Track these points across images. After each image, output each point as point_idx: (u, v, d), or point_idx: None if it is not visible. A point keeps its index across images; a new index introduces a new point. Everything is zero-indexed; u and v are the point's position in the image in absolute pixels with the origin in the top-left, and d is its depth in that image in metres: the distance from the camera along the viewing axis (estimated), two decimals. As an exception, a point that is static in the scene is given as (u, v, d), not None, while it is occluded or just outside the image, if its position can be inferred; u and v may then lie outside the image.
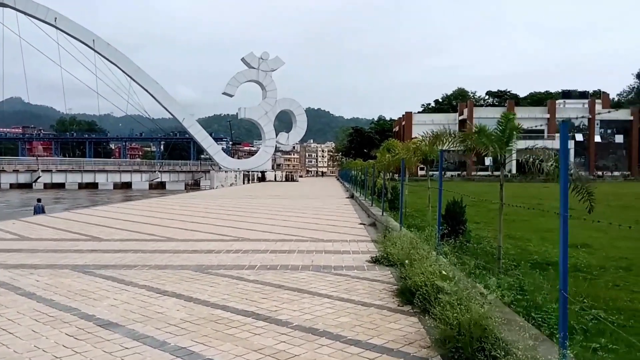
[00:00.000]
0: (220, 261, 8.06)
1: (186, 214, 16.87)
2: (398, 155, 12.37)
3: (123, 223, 13.78)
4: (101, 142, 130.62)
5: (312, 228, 12.57)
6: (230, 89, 63.04)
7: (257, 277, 6.84)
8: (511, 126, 6.53)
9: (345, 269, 7.42)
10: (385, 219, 12.67)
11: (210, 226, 13.01)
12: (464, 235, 8.88)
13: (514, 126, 6.56)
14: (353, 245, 9.79)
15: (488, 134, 6.62)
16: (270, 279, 6.73)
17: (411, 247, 6.37)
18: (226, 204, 22.09)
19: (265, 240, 10.41)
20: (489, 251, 8.57)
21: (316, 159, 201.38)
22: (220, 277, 6.91)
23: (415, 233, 9.40)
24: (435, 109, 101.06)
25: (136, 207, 19.80)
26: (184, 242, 10.22)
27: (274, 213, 16.96)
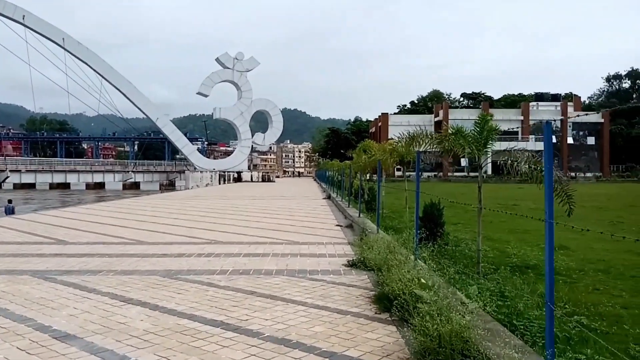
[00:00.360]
0: (190, 266, 7.70)
1: (158, 215, 16.35)
2: (374, 156, 12.19)
3: (91, 225, 13.22)
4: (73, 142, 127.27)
5: (288, 230, 12.28)
6: (204, 88, 62.15)
7: (229, 283, 6.52)
8: (489, 127, 6.39)
9: (321, 274, 7.16)
10: (362, 220, 12.47)
11: (182, 228, 12.58)
12: (442, 238, 8.74)
13: (492, 127, 6.43)
14: (329, 247, 9.55)
15: (465, 135, 6.46)
16: (243, 285, 6.42)
17: (388, 251, 6.16)
18: (200, 205, 21.59)
19: (238, 243, 10.07)
20: (467, 254, 8.44)
21: (293, 160, 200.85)
22: (189, 283, 6.56)
23: (392, 236, 9.22)
24: (410, 110, 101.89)
25: (106, 209, 19.14)
26: (153, 245, 9.80)
27: (248, 214, 16.60)
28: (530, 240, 11.53)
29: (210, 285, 6.40)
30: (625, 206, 23.48)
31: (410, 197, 12.74)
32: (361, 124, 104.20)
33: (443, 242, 8.76)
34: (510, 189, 40.43)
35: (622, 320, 5.41)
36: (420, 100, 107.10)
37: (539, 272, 7.78)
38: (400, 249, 6.61)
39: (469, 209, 20.08)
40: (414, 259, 6.29)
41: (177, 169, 73.24)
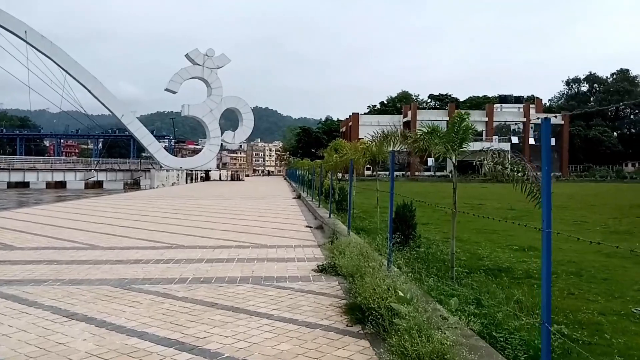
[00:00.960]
0: (146, 274, 7.08)
1: (117, 216, 15.48)
2: (346, 155, 11.78)
3: (43, 228, 12.31)
4: (34, 139, 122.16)
5: (255, 232, 11.73)
6: (173, 85, 60.48)
7: (187, 294, 5.96)
8: (464, 127, 6.07)
9: (289, 280, 6.68)
10: (333, 221, 12.05)
11: (142, 231, 11.85)
12: (415, 240, 8.40)
13: (467, 126, 6.10)
14: (298, 251, 9.08)
15: (441, 134, 6.11)
16: (203, 296, 5.87)
17: (361, 257, 5.73)
18: (163, 205, 20.72)
19: (201, 247, 9.47)
20: (440, 257, 8.13)
21: (264, 158, 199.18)
22: (143, 294, 5.96)
23: (364, 238, 8.83)
24: (380, 110, 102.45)
25: (63, 209, 18.06)
26: (108, 250, 9.09)
27: (214, 215, 15.93)
28: (499, 241, 11.38)
29: (167, 297, 5.82)
30: (586, 205, 23.94)
31: (382, 197, 12.41)
32: (332, 124, 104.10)
33: (415, 245, 8.43)
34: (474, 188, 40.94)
35: (602, 328, 5.17)
36: (390, 101, 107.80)
37: (513, 276, 7.54)
38: (373, 254, 6.20)
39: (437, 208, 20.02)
40: (388, 264, 5.89)
41: (143, 167, 71.08)
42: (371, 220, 14.49)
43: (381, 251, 6.80)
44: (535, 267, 7.97)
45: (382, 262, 6.03)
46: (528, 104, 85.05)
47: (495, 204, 23.51)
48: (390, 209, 6.26)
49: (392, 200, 6.24)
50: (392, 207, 6.29)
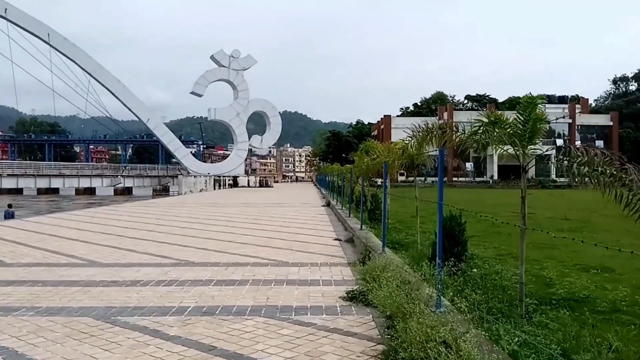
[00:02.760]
0: (140, 300, 6.02)
1: (131, 226, 14.68)
2: (379, 158, 10.54)
3: (45, 240, 11.55)
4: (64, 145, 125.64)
5: (277, 246, 10.61)
6: (198, 88, 60.53)
7: (182, 331, 4.85)
8: (536, 116, 4.75)
9: (311, 312, 5.49)
10: (365, 234, 10.80)
11: (151, 244, 10.91)
12: (466, 260, 7.08)
13: (540, 115, 4.78)
14: (325, 271, 7.87)
15: (506, 125, 4.81)
16: (200, 335, 4.74)
17: (402, 289, 4.47)
18: (184, 213, 19.92)
19: (213, 264, 8.40)
20: (498, 282, 6.74)
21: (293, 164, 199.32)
22: (128, 330, 4.89)
23: (402, 256, 7.55)
24: (413, 112, 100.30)
25: (76, 218, 17.46)
26: (106, 267, 8.13)
27: (235, 226, 14.93)
28: (562, 259, 9.85)
29: (155, 335, 4.72)
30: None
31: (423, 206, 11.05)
32: (363, 127, 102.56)
33: (467, 266, 7.09)
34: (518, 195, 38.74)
35: None
36: (424, 102, 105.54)
37: (595, 309, 6.11)
38: (417, 282, 4.94)
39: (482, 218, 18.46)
40: (438, 299, 4.62)
41: (171, 173, 71.57)
42: (408, 232, 13.17)
43: (426, 276, 5.51)
44: (622, 297, 6.51)
45: (429, 295, 4.76)
46: (573, 104, 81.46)
47: (546, 212, 21.68)
48: (440, 227, 4.99)
49: (441, 214, 4.98)
50: (441, 221, 5.03)
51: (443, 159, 5.17)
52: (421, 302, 4.09)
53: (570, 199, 33.52)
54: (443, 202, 5.02)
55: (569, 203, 29.72)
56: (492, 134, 4.80)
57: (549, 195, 40.86)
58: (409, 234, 12.66)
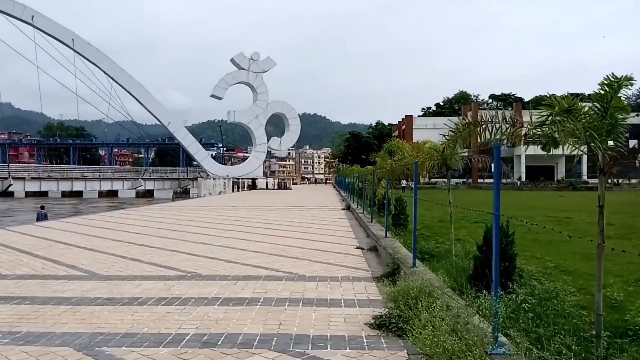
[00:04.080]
0: (133, 325, 5.17)
1: (143, 232, 13.97)
2: (408, 158, 9.54)
3: (51, 247, 10.88)
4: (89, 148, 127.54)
5: (293, 255, 9.71)
6: (218, 91, 60.22)
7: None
8: (617, 103, 3.74)
9: (332, 346, 4.55)
10: (390, 243, 9.82)
11: (161, 252, 10.12)
12: (515, 280, 6.03)
13: (621, 104, 3.77)
14: (346, 287, 6.93)
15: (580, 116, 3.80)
16: (195, 376, 3.86)
17: (454, 335, 3.47)
18: (200, 217, 19.20)
19: (222, 277, 7.53)
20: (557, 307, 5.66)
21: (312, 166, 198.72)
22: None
23: (439, 275, 6.54)
24: (436, 112, 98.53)
25: (88, 223, 16.86)
26: (106, 281, 7.33)
27: (250, 231, 14.08)
28: (618, 272, 8.66)
29: (141, 377, 3.86)
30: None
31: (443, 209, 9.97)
32: (383, 128, 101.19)
33: (523, 290, 6.04)
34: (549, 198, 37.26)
35: None
36: (446, 102, 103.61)
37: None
38: (467, 315, 3.95)
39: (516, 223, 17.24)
40: (495, 338, 3.64)
41: (191, 175, 71.51)
42: (437, 240, 12.10)
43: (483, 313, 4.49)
44: None
45: (479, 329, 3.78)
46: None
47: (584, 216, 20.24)
48: (496, 245, 4.00)
49: (497, 228, 3.99)
50: (499, 240, 4.03)
51: (500, 156, 4.17)
52: (476, 345, 3.11)
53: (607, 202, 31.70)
54: (500, 213, 4.03)
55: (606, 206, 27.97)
56: (564, 125, 3.78)
57: (583, 197, 39.11)
58: (439, 242, 11.61)
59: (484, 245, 6.30)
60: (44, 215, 21.36)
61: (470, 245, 10.25)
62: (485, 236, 6.31)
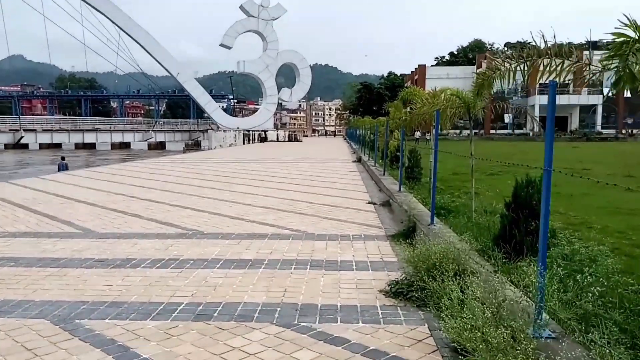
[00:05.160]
0: (122, 292, 4.62)
1: (149, 185, 13.44)
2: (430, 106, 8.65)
3: (51, 201, 10.38)
4: (101, 100, 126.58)
5: (302, 210, 9.09)
6: (228, 40, 58.23)
7: (160, 351, 3.40)
8: None
9: (342, 319, 3.96)
10: (405, 198, 9.14)
11: (163, 207, 9.57)
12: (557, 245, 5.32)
13: None
14: (358, 248, 6.31)
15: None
16: (185, 357, 3.29)
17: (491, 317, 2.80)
18: (207, 170, 18.62)
19: (225, 236, 6.96)
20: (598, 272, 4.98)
21: (323, 118, 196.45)
22: (88, 347, 3.48)
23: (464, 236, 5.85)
24: (449, 62, 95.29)
25: (96, 175, 16.37)
26: (101, 240, 6.79)
27: (258, 185, 13.47)
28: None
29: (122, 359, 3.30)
30: None
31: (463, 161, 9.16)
32: (395, 78, 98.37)
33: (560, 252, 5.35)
34: (564, 149, 35.99)
35: None
36: (460, 51, 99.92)
37: None
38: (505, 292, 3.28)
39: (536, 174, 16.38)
40: (538, 317, 2.99)
41: (201, 128, 70.75)
42: (452, 194, 11.39)
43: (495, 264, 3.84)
44: None
45: (521, 308, 3.12)
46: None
47: (602, 168, 19.33)
48: (545, 209, 3.28)
49: (547, 188, 3.25)
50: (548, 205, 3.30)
51: (555, 95, 3.37)
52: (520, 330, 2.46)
53: (623, 153, 30.60)
54: (552, 168, 3.28)
55: (623, 157, 26.93)
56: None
57: (597, 148, 37.87)
58: (454, 196, 10.91)
59: (513, 203, 5.57)
60: (65, 166, 21.58)
61: (487, 199, 9.56)
62: (516, 193, 5.57)
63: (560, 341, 2.98)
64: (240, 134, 56.94)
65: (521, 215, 5.37)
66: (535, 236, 5.38)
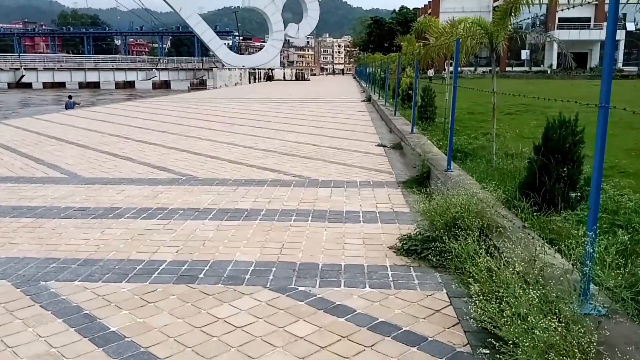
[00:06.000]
0: (99, 247, 4.11)
1: (146, 125, 12.80)
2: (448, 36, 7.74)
3: (41, 142, 9.82)
4: (104, 38, 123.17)
5: (306, 154, 8.46)
6: (230, -29, 55.21)
7: (131, 322, 2.90)
8: None
9: (346, 282, 3.43)
10: (418, 140, 8.44)
11: (158, 149, 8.99)
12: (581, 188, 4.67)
13: None
14: (366, 195, 5.73)
15: None
16: (157, 334, 2.79)
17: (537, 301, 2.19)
18: (208, 110, 17.87)
19: (221, 182, 6.39)
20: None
21: (332, 55, 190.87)
22: (49, 317, 2.98)
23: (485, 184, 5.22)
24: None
25: (91, 116, 15.70)
26: (86, 185, 6.26)
27: (261, 126, 12.77)
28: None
29: (85, 333, 2.80)
30: None
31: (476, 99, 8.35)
32: (407, 13, 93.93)
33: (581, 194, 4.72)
34: (583, 87, 34.45)
35: None
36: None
37: None
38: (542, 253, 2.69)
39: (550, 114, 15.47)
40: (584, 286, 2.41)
41: (206, 66, 68.82)
42: (468, 135, 10.67)
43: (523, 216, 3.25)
44: None
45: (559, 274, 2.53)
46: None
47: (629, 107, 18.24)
48: (599, 155, 2.62)
49: (603, 128, 2.59)
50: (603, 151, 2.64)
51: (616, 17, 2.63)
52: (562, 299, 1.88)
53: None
54: (609, 105, 2.60)
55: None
56: None
57: (619, 86, 36.11)
58: (471, 138, 10.19)
59: (543, 146, 4.87)
60: (73, 104, 21.82)
61: (508, 142, 8.87)
62: (547, 135, 4.86)
63: (613, 318, 2.43)
64: (246, 73, 55.29)
65: (553, 160, 4.69)
66: (569, 184, 4.74)
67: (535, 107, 18.49)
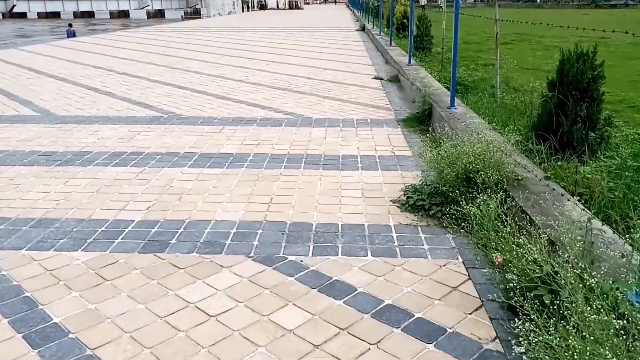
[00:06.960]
0: (59, 202, 3.36)
1: (132, 57, 11.57)
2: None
3: (19, 76, 8.76)
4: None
5: (299, 88, 7.51)
6: None
7: (79, 309, 2.21)
8: None
9: (343, 249, 2.74)
10: (417, 74, 7.47)
11: (141, 83, 7.97)
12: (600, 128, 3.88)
13: None
14: (364, 136, 4.92)
15: None
16: (110, 327, 2.11)
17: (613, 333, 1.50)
18: (199, 40, 16.39)
19: (205, 121, 5.53)
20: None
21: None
22: None
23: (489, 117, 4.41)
24: None
25: (77, 46, 14.30)
26: (56, 125, 5.39)
27: (252, 57, 11.58)
28: None
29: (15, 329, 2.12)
30: None
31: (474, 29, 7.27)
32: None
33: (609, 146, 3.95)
34: (574, 15, 32.45)
35: None
36: None
37: None
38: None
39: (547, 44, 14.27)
40: None
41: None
42: (467, 66, 9.63)
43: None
44: None
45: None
46: None
47: (620, 37, 16.99)
48: None
49: None
50: None
51: None
52: None
53: (637, 20, 27.40)
54: None
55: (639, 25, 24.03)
56: None
57: (608, 15, 34.16)
58: (470, 69, 9.18)
59: (558, 82, 4.02)
60: (73, 33, 21.19)
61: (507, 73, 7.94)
62: (562, 69, 3.98)
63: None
64: (239, 1, 51.73)
65: (570, 98, 3.86)
66: (588, 124, 3.95)
67: (531, 37, 17.18)
